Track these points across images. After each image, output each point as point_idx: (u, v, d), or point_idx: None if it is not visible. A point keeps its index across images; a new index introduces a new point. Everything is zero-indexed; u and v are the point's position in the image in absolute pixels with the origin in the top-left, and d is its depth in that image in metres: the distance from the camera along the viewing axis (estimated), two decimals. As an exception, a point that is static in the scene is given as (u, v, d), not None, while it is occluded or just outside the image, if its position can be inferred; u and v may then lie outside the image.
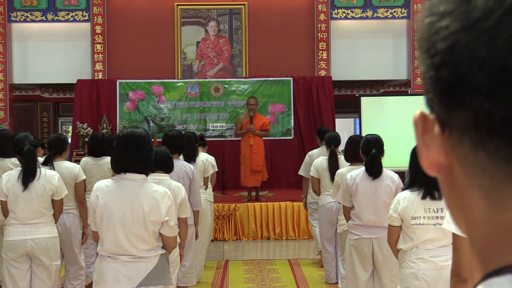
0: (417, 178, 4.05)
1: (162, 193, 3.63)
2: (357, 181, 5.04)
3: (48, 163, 5.74)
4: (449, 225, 2.42)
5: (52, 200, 5.02)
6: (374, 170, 5.00)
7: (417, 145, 0.64)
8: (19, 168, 4.97)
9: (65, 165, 5.85)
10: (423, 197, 4.02)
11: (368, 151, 5.06)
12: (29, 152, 4.93)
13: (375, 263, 4.99)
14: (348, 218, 5.17)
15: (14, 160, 6.54)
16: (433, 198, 4.00)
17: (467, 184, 0.60)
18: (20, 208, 4.90)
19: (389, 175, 5.04)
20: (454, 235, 2.40)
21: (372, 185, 5.01)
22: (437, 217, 4.01)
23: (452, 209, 0.65)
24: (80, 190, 5.76)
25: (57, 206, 5.07)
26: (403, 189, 4.20)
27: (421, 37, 0.61)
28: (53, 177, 5.01)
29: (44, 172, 4.98)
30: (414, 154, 4.12)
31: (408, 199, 4.05)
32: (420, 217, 4.01)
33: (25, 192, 4.89)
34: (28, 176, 4.90)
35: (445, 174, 0.63)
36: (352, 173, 5.14)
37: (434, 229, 4.00)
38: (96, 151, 6.76)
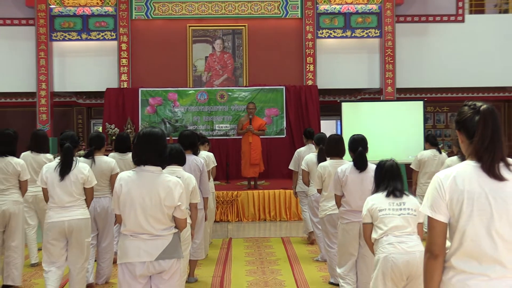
0: (381, 184, 4.12)
1: (175, 182, 3.61)
2: (346, 173, 5.03)
3: (89, 156, 5.75)
4: (425, 209, 2.36)
5: (84, 188, 5.00)
6: (361, 165, 5.01)
7: None
8: (57, 161, 4.96)
9: (103, 159, 5.84)
10: (387, 196, 4.06)
11: (355, 149, 5.03)
12: (67, 149, 4.92)
13: (361, 240, 4.96)
14: (339, 205, 5.15)
15: (48, 156, 6.51)
16: (395, 196, 4.05)
17: None
18: (57, 193, 4.89)
19: (372, 168, 5.00)
20: (428, 217, 2.34)
21: (359, 176, 5.00)
22: (400, 209, 4.01)
23: None
24: (115, 180, 5.73)
25: (88, 193, 5.04)
26: (372, 193, 4.18)
27: None
28: (84, 168, 4.99)
29: (77, 164, 4.96)
30: (378, 167, 4.16)
31: (375, 198, 4.10)
32: (385, 209, 4.03)
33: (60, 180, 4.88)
34: (65, 169, 4.90)
35: None
36: (342, 167, 5.12)
37: (399, 218, 3.98)
38: (121, 148, 6.75)
